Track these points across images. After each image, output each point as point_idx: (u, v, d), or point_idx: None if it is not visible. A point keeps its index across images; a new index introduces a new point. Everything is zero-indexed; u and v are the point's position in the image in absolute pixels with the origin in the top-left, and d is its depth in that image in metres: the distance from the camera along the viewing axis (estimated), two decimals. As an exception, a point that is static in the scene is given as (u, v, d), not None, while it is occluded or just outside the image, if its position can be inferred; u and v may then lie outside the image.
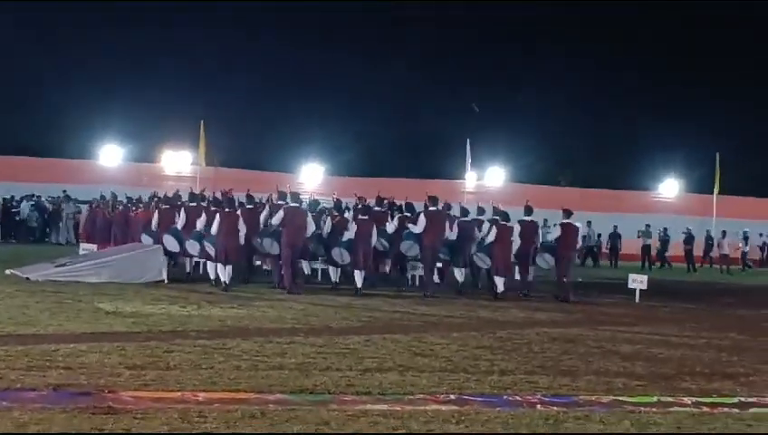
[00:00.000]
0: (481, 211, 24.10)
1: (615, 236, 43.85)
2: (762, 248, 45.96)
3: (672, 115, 64.13)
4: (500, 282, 22.06)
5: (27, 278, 20.16)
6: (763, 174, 58.78)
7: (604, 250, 44.41)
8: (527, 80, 65.17)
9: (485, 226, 22.96)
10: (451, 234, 22.17)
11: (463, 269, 23.09)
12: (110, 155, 48.47)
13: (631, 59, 68.33)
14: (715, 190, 47.73)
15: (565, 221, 22.87)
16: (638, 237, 43.22)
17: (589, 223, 42.79)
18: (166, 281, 21.20)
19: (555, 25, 69.54)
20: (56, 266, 21.34)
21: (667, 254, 44.13)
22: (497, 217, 22.99)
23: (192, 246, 22.29)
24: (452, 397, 9.46)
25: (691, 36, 67.73)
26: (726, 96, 62.92)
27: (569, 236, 22.66)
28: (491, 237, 22.20)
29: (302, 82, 65.57)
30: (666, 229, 44.15)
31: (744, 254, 44.55)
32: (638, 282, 22.60)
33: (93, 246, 26.16)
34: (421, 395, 9.49)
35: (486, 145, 51.45)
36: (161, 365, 10.43)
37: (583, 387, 10.38)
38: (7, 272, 21.28)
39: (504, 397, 9.64)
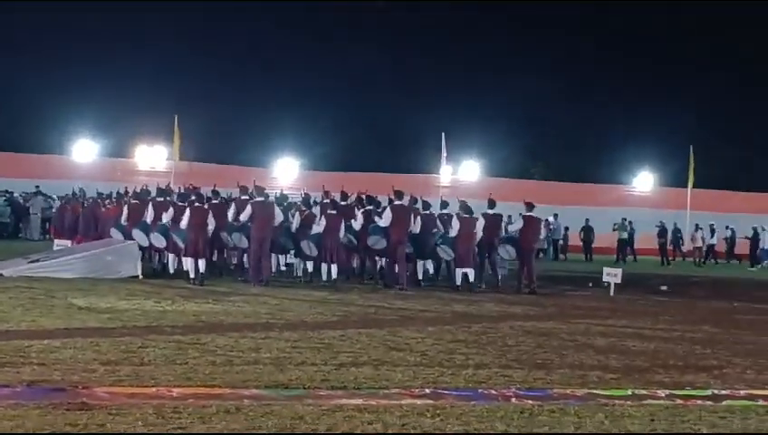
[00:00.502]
0: (444, 205, 24.40)
1: (588, 230, 44.02)
2: (727, 241, 45.96)
3: (646, 108, 64.39)
4: (460, 273, 22.35)
5: (0, 274, 20.05)
6: (738, 167, 59.19)
7: (577, 243, 44.62)
8: (501, 72, 65.22)
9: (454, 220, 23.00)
10: (415, 227, 22.46)
11: (425, 262, 23.50)
12: (84, 150, 48.29)
13: (604, 51, 68.55)
14: (690, 184, 47.94)
15: (527, 214, 23.11)
16: (614, 231, 43.35)
17: (555, 216, 43.04)
18: (140, 276, 21.14)
19: (527, 19, 69.68)
20: (30, 262, 21.25)
21: (635, 247, 44.35)
22: (459, 212, 23.17)
23: (157, 239, 22.42)
24: (427, 391, 9.46)
25: (664, 28, 68.01)
26: (701, 89, 63.14)
27: (531, 229, 23.04)
28: (454, 230, 22.40)
29: (276, 77, 65.47)
30: (631, 223, 44.25)
31: (710, 246, 44.74)
32: (612, 275, 22.69)
33: (68, 242, 26.13)
34: (396, 389, 9.49)
35: (461, 139, 51.54)
36: (136, 361, 10.40)
37: (558, 380, 10.41)
38: (-20, 268, 21.19)
39: (479, 391, 9.65)
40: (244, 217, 21.56)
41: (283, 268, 24.53)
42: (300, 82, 65.47)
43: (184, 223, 21.24)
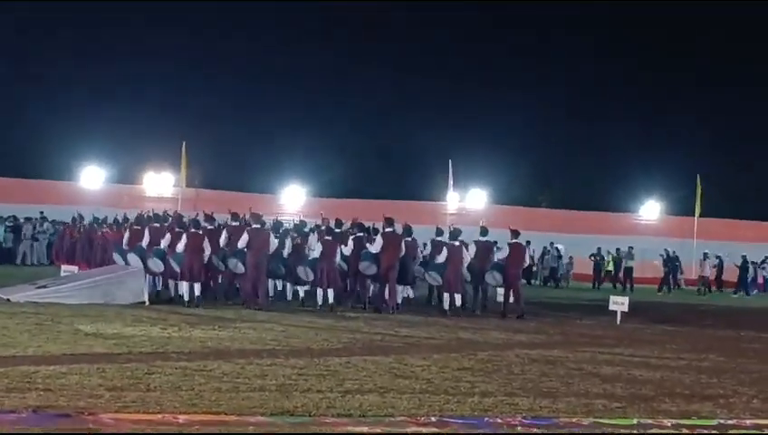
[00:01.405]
0: (440, 232, 24.66)
1: (599, 258, 43.95)
2: (715, 269, 45.37)
3: (653, 137, 64.46)
4: (448, 298, 22.81)
5: (8, 300, 20.07)
6: (745, 195, 59.10)
7: (587, 272, 44.53)
8: (508, 100, 65.30)
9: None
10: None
11: (408, 287, 24.35)
12: (92, 176, 48.39)
13: (611, 79, 68.58)
14: (697, 212, 47.89)
15: (513, 241, 23.81)
16: (621, 259, 43.26)
17: (551, 244, 43.12)
18: (147, 303, 21.15)
19: (533, 47, 69.84)
20: (37, 288, 21.26)
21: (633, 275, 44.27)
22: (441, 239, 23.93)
23: (155, 264, 22.49)
24: (432, 419, 9.46)
25: (672, 57, 68.05)
26: (708, 117, 63.20)
27: (516, 255, 23.58)
28: (442, 257, 22.87)
29: (283, 105, 65.61)
30: (618, 250, 44.11)
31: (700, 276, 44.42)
32: (619, 304, 22.66)
33: (75, 268, 26.13)
34: (402, 417, 9.49)
35: (468, 167, 51.59)
36: (142, 387, 10.41)
37: (563, 409, 10.40)
38: (-12, 293, 21.22)
39: (485, 419, 9.65)
40: (241, 243, 22.00)
41: (273, 295, 24.48)
42: (307, 109, 65.69)
43: (180, 247, 21.68)
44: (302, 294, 23.65)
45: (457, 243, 23.18)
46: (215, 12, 67.11)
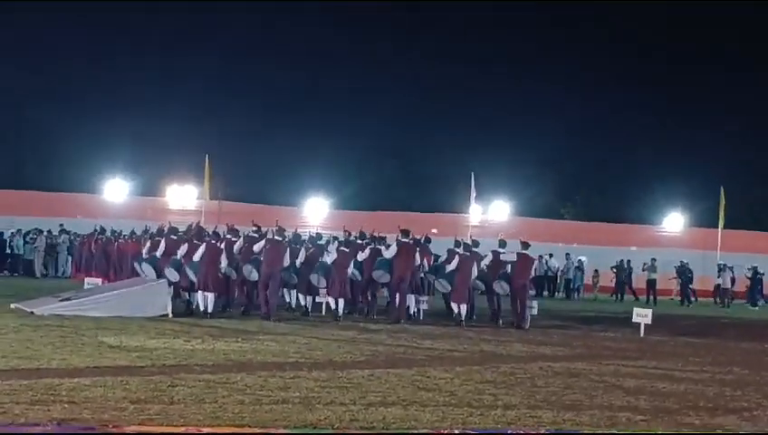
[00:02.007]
0: (457, 244, 24.74)
1: (621, 270, 43.78)
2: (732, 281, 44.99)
3: (676, 149, 64.26)
4: (456, 307, 23.35)
5: (32, 312, 20.15)
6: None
7: (610, 284, 44.41)
8: (530, 112, 65.32)
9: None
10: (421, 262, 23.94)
11: (413, 296, 24.34)
12: (116, 189, 48.57)
13: (632, 92, 68.50)
14: (720, 224, 47.63)
15: (521, 252, 24.03)
16: (643, 271, 43.08)
17: (567, 255, 43.08)
18: (170, 315, 21.20)
19: (557, 58, 69.78)
20: (61, 301, 21.32)
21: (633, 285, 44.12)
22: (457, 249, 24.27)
23: (171, 274, 22.76)
24: (456, 431, 9.45)
25: (695, 69, 67.88)
26: (731, 128, 63.00)
27: (524, 266, 23.82)
28: (452, 266, 23.47)
29: (306, 117, 65.82)
30: (629, 261, 43.94)
31: (716, 286, 44.12)
32: (642, 316, 22.59)
33: (98, 280, 26.27)
34: (425, 430, 9.49)
35: (491, 179, 51.55)
36: (165, 400, 10.44)
37: (587, 422, 10.37)
38: (12, 306, 21.29)
39: (508, 432, 9.63)
40: (257, 247, 22.66)
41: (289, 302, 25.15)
42: (329, 122, 65.77)
43: (197, 256, 22.20)
44: (308, 305, 24.12)
45: (469, 253, 23.69)
46: (238, 28, 67.46)
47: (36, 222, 42.31)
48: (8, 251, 40.04)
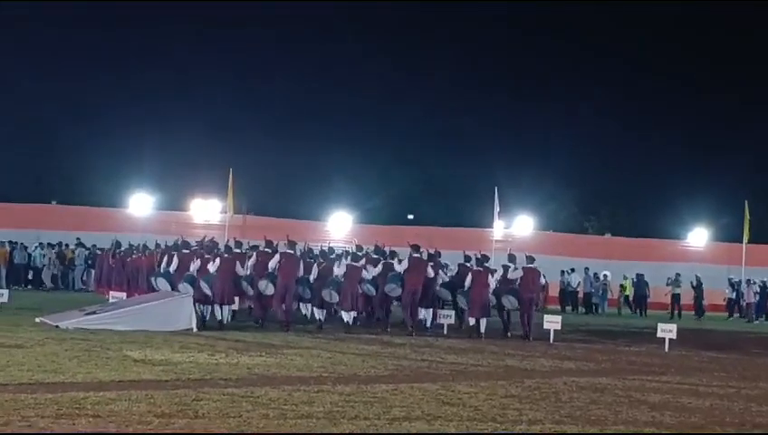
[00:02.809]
0: (467, 259, 25.74)
1: (642, 285, 43.55)
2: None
3: (700, 163, 64.02)
4: (474, 322, 24.12)
5: (57, 326, 20.23)
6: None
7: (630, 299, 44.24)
8: (555, 126, 65.30)
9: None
10: (439, 277, 25.01)
11: (423, 309, 25.03)
12: (140, 203, 48.72)
13: (659, 106, 68.39)
14: (745, 238, 47.35)
15: (527, 265, 24.77)
16: (667, 286, 42.87)
17: (586, 269, 42.93)
18: (194, 329, 21.25)
19: (583, 72, 69.74)
20: (86, 314, 21.41)
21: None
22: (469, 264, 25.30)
23: (185, 288, 23.24)
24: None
25: (719, 83, 67.74)
26: (756, 141, 62.72)
27: (529, 279, 24.53)
28: (468, 282, 24.23)
29: (330, 131, 65.89)
30: (641, 276, 43.71)
31: (730, 300, 43.78)
32: (667, 331, 22.52)
33: (123, 295, 26.38)
34: (449, 444, 9.48)
35: (515, 194, 51.46)
36: (190, 413, 10.46)
37: (612, 437, 10.35)
38: (37, 320, 21.40)
39: (533, 446, 9.62)
40: (272, 264, 23.75)
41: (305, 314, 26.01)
42: (353, 136, 65.85)
43: (212, 269, 23.10)
44: (321, 317, 24.77)
45: (482, 269, 24.35)
46: (261, 42, 67.67)
47: (60, 236, 42.56)
48: (30, 265, 40.35)
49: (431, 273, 24.44)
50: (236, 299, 24.49)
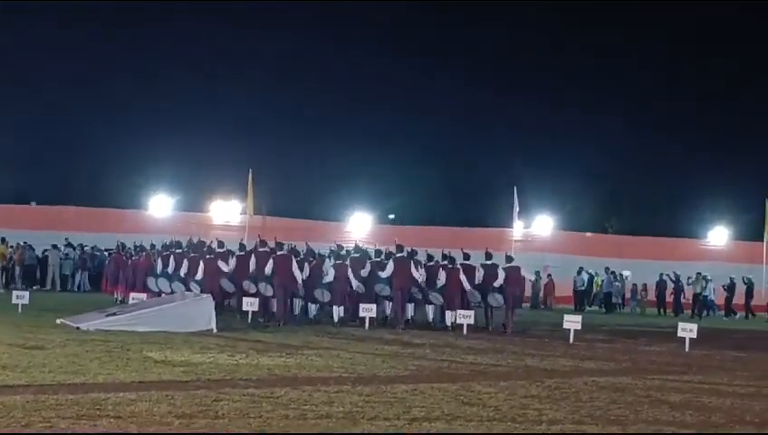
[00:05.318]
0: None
1: (662, 284, 43.43)
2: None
3: (721, 162, 63.82)
4: (449, 315, 25.50)
5: (78, 328, 20.29)
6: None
7: (651, 298, 44.09)
8: (575, 127, 65.20)
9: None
10: (419, 275, 25.86)
11: (411, 305, 26.85)
12: (161, 205, 48.86)
13: (676, 106, 68.19)
14: (766, 237, 47.14)
15: (508, 265, 26.42)
16: (689, 285, 42.75)
17: (606, 269, 42.86)
18: (214, 330, 21.28)
19: (603, 72, 69.62)
20: (106, 316, 21.47)
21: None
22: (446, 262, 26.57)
23: (178, 288, 25.07)
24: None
25: (734, 82, 67.54)
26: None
27: (512, 278, 26.13)
28: (442, 280, 25.70)
29: (349, 133, 65.99)
30: (661, 275, 43.53)
31: (728, 298, 43.61)
32: (687, 330, 22.44)
33: (143, 296, 26.45)
34: (469, 444, 9.47)
35: (534, 193, 51.41)
36: (210, 414, 10.48)
37: (632, 437, 10.32)
38: (58, 321, 21.48)
39: (553, 446, 9.61)
40: (268, 269, 25.10)
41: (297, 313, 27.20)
42: (373, 137, 65.90)
43: (199, 274, 25.06)
44: (315, 311, 26.94)
45: (452, 266, 26.04)
46: (281, 45, 67.74)
47: (80, 237, 42.74)
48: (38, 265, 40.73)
49: (415, 271, 25.63)
50: (255, 300, 25.28)
